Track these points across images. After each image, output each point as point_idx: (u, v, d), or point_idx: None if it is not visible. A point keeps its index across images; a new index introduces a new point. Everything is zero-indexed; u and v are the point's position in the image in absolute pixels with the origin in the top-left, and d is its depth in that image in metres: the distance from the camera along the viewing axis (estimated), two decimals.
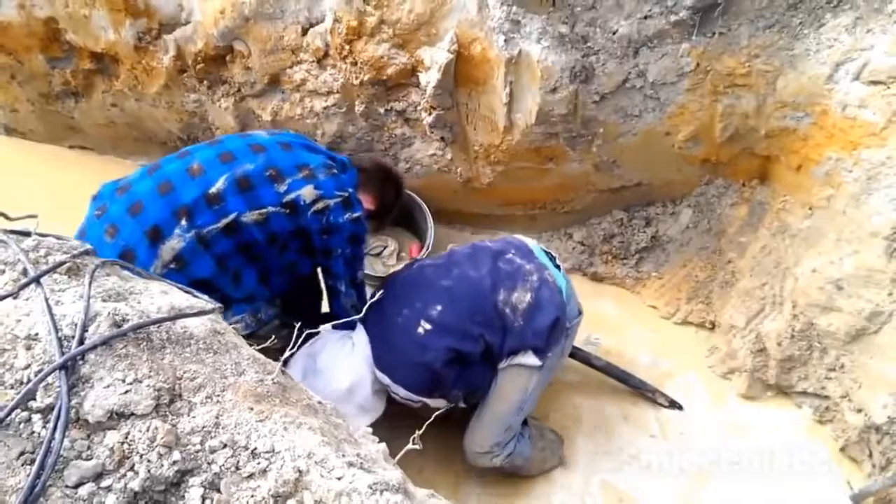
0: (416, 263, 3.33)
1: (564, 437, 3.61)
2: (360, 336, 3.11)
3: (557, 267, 3.30)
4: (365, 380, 3.04)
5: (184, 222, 2.63)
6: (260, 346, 2.01)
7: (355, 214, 2.93)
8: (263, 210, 2.73)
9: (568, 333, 3.23)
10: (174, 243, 2.61)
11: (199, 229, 2.64)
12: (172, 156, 2.90)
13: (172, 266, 2.61)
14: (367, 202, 3.17)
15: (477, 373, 3.13)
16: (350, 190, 2.94)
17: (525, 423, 3.35)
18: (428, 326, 2.97)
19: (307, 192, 2.79)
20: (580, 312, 3.33)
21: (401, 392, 3.03)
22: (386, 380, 3.03)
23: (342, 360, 3.07)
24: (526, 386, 3.15)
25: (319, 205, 2.82)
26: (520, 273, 3.14)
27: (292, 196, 2.77)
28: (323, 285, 3.27)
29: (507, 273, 3.13)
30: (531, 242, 3.39)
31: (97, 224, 2.67)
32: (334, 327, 3.06)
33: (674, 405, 3.74)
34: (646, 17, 3.41)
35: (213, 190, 2.68)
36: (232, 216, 2.68)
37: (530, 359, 3.08)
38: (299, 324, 1.85)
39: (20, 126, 4.93)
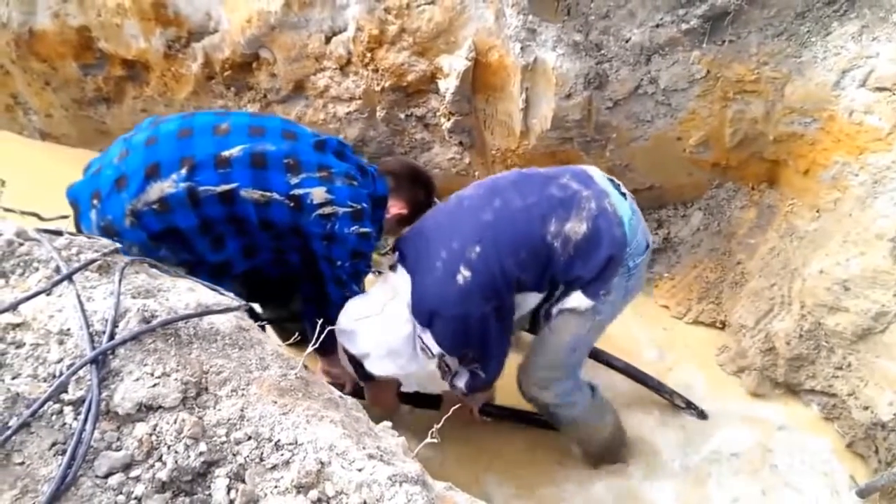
0: (455, 194, 3.03)
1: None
2: (402, 280, 2.87)
3: (623, 195, 2.89)
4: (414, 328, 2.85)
5: (184, 171, 2.54)
6: (287, 343, 2.10)
7: (363, 229, 2.79)
8: (266, 193, 2.62)
9: (632, 273, 2.86)
10: (165, 185, 2.53)
11: (195, 184, 2.54)
12: (212, 112, 2.87)
13: (155, 207, 2.53)
14: (400, 206, 3.10)
15: (498, 333, 2.85)
16: (364, 205, 2.80)
17: (594, 389, 3.26)
18: (467, 273, 2.68)
19: (317, 193, 2.67)
20: (648, 246, 2.93)
21: (425, 337, 2.82)
22: (417, 325, 2.82)
23: (393, 306, 2.84)
24: (577, 331, 2.92)
25: (327, 209, 2.69)
26: (575, 199, 2.75)
27: (301, 192, 2.66)
28: (330, 290, 3.02)
29: (560, 200, 2.76)
30: (592, 168, 3.00)
31: (119, 144, 2.69)
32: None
33: (690, 406, 3.70)
34: (658, 26, 3.45)
35: (225, 153, 2.58)
36: (232, 185, 2.57)
37: (580, 300, 2.82)
38: (321, 321, 1.84)
39: (54, 131, 5.02)
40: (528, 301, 2.94)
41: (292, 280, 3.17)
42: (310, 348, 1.74)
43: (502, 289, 2.74)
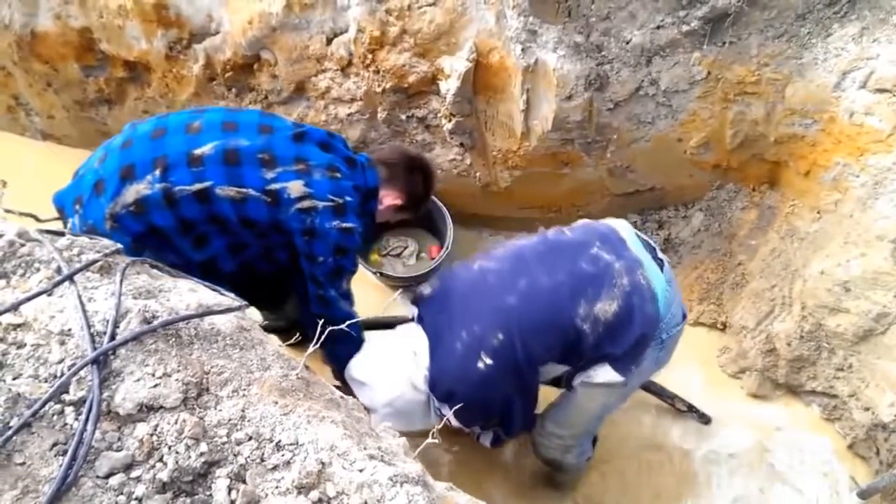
0: (479, 264, 2.80)
1: None
2: (421, 345, 2.75)
3: (659, 261, 2.73)
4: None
5: (157, 172, 2.50)
6: (287, 343, 2.10)
7: (346, 224, 2.70)
8: (242, 189, 2.56)
9: (664, 345, 2.73)
10: (140, 187, 2.50)
11: (169, 185, 2.51)
12: (188, 110, 2.81)
13: (132, 209, 2.51)
14: (394, 197, 2.97)
15: (522, 408, 2.81)
16: (348, 198, 2.71)
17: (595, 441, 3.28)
18: (489, 361, 2.54)
19: (294, 187, 2.59)
20: (684, 317, 2.80)
21: (443, 410, 2.68)
22: (433, 399, 2.72)
23: (409, 370, 2.72)
24: (605, 401, 2.85)
25: (306, 203, 2.61)
26: (607, 275, 2.58)
27: (277, 186, 2.58)
28: (309, 288, 2.93)
29: (591, 276, 2.59)
30: (623, 227, 2.82)
31: (101, 148, 2.67)
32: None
33: (693, 411, 3.71)
34: (658, 27, 3.45)
35: (197, 151, 2.54)
36: (206, 184, 2.53)
37: (609, 374, 2.67)
38: (322, 321, 1.85)
39: (56, 132, 5.03)
40: (552, 371, 2.85)
41: (286, 279, 3.12)
42: (311, 349, 1.73)
43: (525, 372, 2.63)
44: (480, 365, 2.55)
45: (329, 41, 3.88)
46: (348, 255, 2.83)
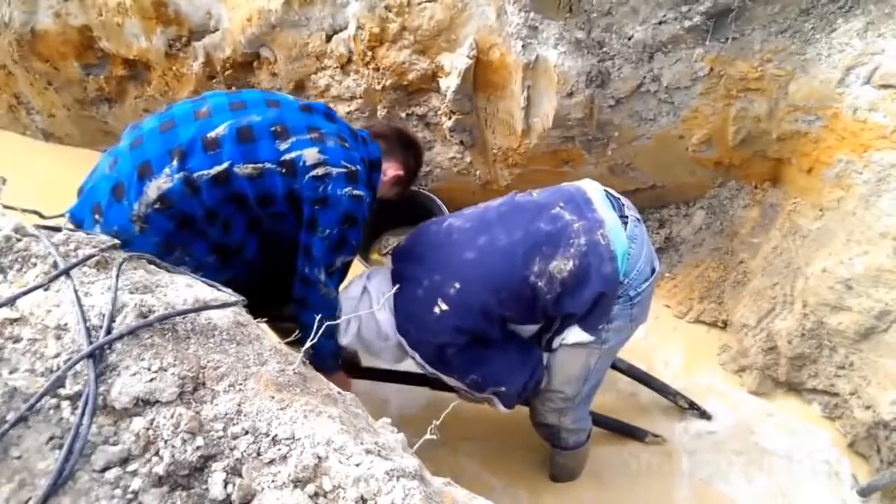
0: (449, 222, 2.98)
1: None
2: (388, 290, 2.87)
3: (623, 219, 2.77)
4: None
5: (175, 162, 2.47)
6: (286, 340, 2.09)
7: (357, 192, 2.66)
8: (258, 165, 2.54)
9: (634, 301, 2.75)
10: (161, 182, 2.46)
11: (188, 172, 2.47)
12: (188, 100, 2.76)
13: (157, 206, 2.47)
14: (395, 168, 3.01)
15: (497, 359, 2.88)
16: (358, 167, 2.69)
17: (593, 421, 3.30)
18: (444, 307, 2.70)
19: (309, 154, 2.57)
20: (653, 272, 2.82)
21: (416, 358, 2.89)
22: (404, 343, 2.87)
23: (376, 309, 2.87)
24: (586, 362, 2.88)
25: (320, 170, 2.58)
26: (564, 234, 2.67)
27: (292, 155, 2.56)
28: (299, 262, 2.85)
29: (548, 235, 2.68)
30: (593, 188, 2.88)
31: (107, 156, 2.63)
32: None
33: (694, 407, 3.69)
34: (661, 23, 3.43)
35: (211, 134, 2.51)
36: (225, 165, 2.49)
37: (580, 335, 2.77)
38: (319, 315, 1.84)
39: (57, 131, 5.04)
40: (525, 331, 2.94)
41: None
42: (307, 344, 1.73)
43: (481, 324, 2.75)
44: (437, 310, 2.73)
45: (328, 38, 3.89)
46: (356, 226, 2.77)
